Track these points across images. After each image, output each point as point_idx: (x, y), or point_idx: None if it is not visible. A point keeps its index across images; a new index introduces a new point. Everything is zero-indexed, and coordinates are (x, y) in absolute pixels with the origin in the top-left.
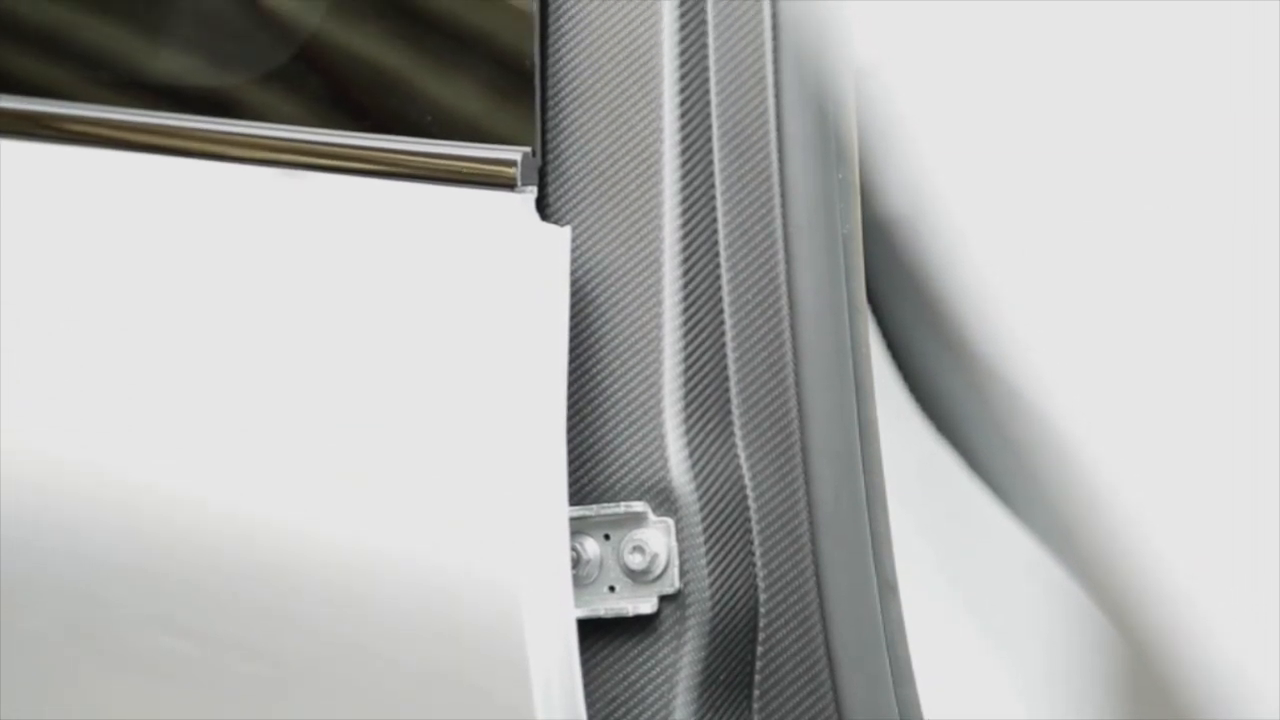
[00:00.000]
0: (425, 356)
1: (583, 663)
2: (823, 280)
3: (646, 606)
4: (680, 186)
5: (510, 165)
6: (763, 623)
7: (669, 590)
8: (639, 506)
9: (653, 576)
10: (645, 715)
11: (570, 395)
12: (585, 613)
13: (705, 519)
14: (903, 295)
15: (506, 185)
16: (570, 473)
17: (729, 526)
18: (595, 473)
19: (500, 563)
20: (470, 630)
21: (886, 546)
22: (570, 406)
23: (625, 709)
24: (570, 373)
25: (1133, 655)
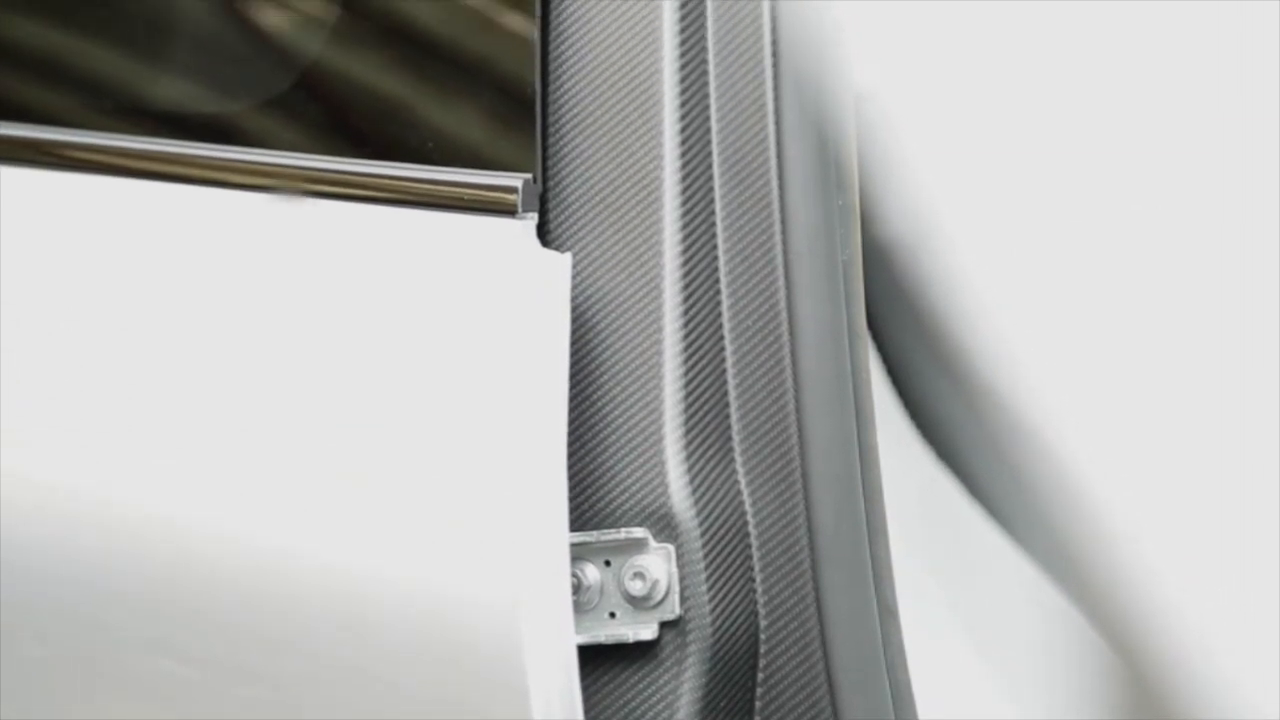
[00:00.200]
0: (426, 383)
1: (583, 689)
2: (823, 305)
3: (647, 633)
4: (681, 213)
5: (511, 192)
6: (763, 648)
7: (670, 616)
8: (640, 532)
9: (653, 603)
10: None
11: (571, 421)
12: (586, 639)
13: (706, 545)
14: (903, 320)
15: (508, 212)
16: (571, 498)
17: (730, 552)
18: (596, 498)
19: (501, 588)
20: (471, 656)
21: (887, 572)
22: (571, 432)
23: None
24: (571, 398)
25: (1132, 680)
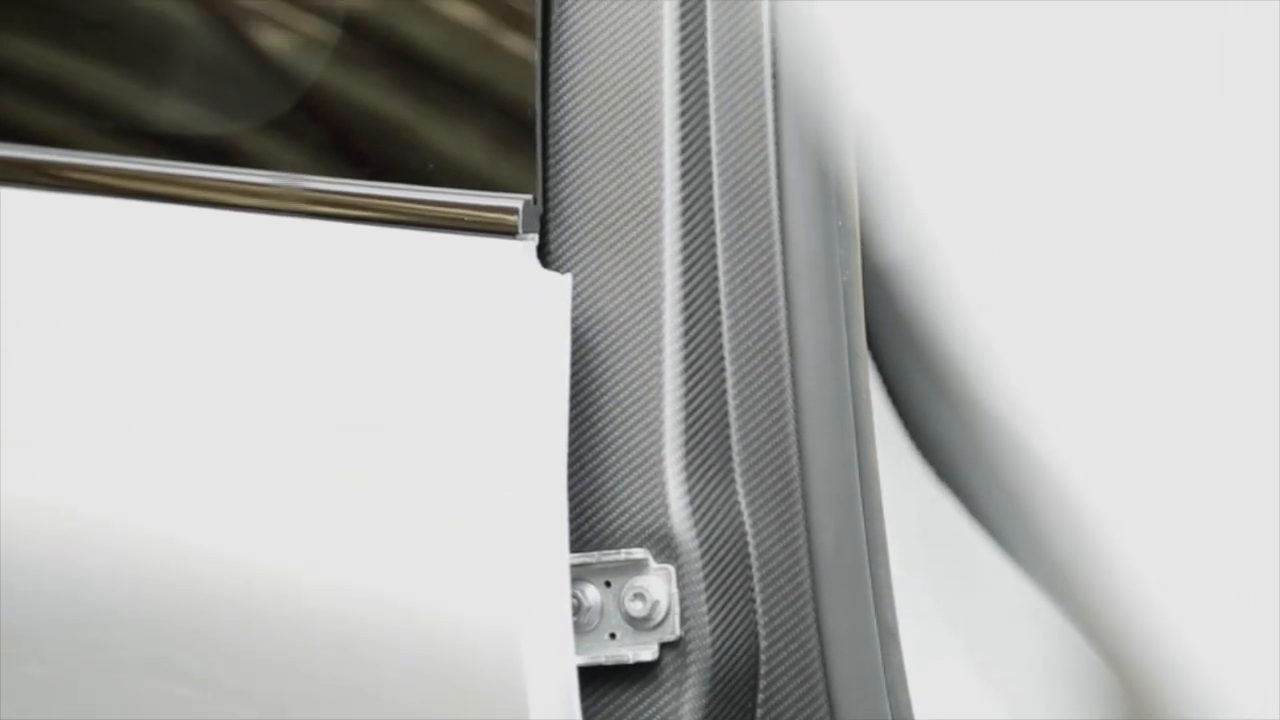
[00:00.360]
0: (426, 404)
1: (584, 710)
2: (823, 327)
3: (647, 654)
4: (681, 234)
5: (512, 213)
6: (764, 669)
7: (670, 637)
8: (640, 553)
9: (654, 624)
10: None
11: (571, 442)
12: (586, 660)
13: (706, 566)
14: (903, 342)
15: (508, 233)
16: (571, 519)
17: (730, 573)
18: (596, 519)
19: (501, 609)
20: (471, 677)
21: (887, 592)
22: (571, 453)
23: None
24: (571, 419)
25: (1130, 700)
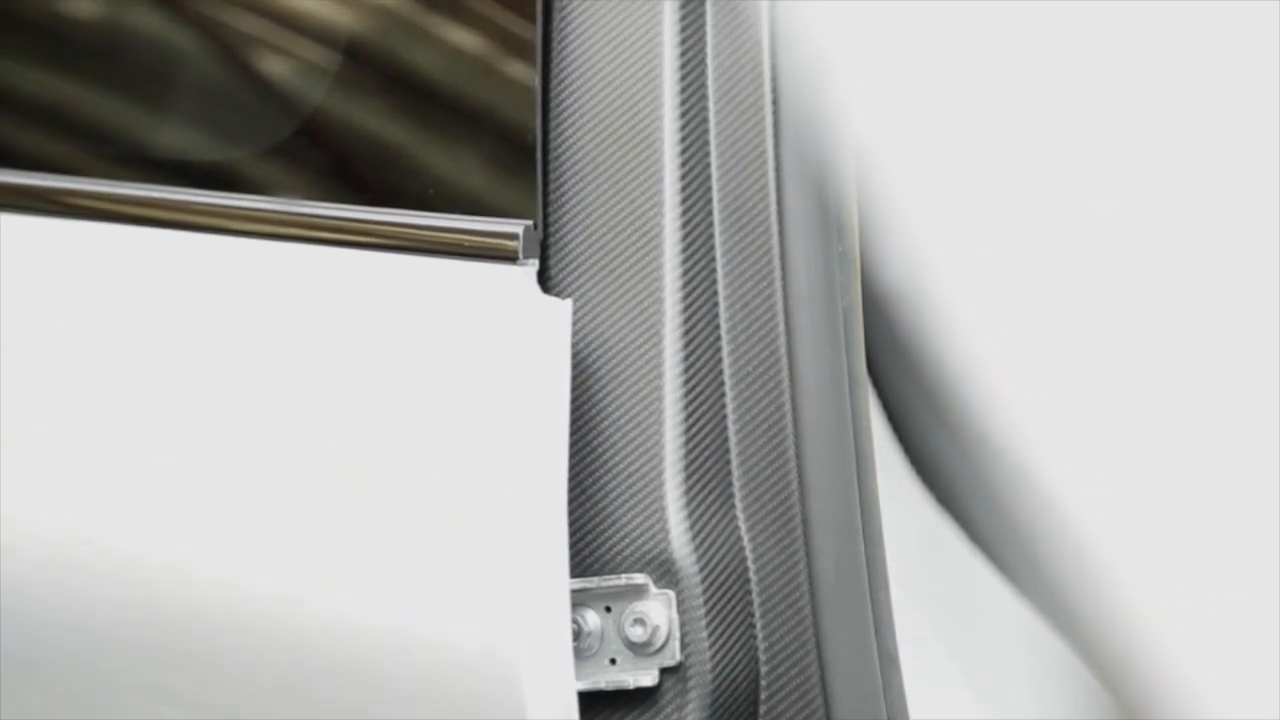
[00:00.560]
0: (426, 429)
1: None
2: (823, 353)
3: (648, 679)
4: (681, 259)
5: (512, 238)
6: (764, 695)
7: (670, 663)
8: (640, 579)
9: (654, 649)
10: None
11: (572, 467)
12: (586, 685)
13: (706, 591)
14: (902, 367)
15: (508, 258)
16: (571, 545)
17: (730, 599)
18: (596, 545)
19: (501, 635)
20: (472, 702)
21: (887, 618)
22: (571, 478)
23: None
24: (572, 444)
25: None
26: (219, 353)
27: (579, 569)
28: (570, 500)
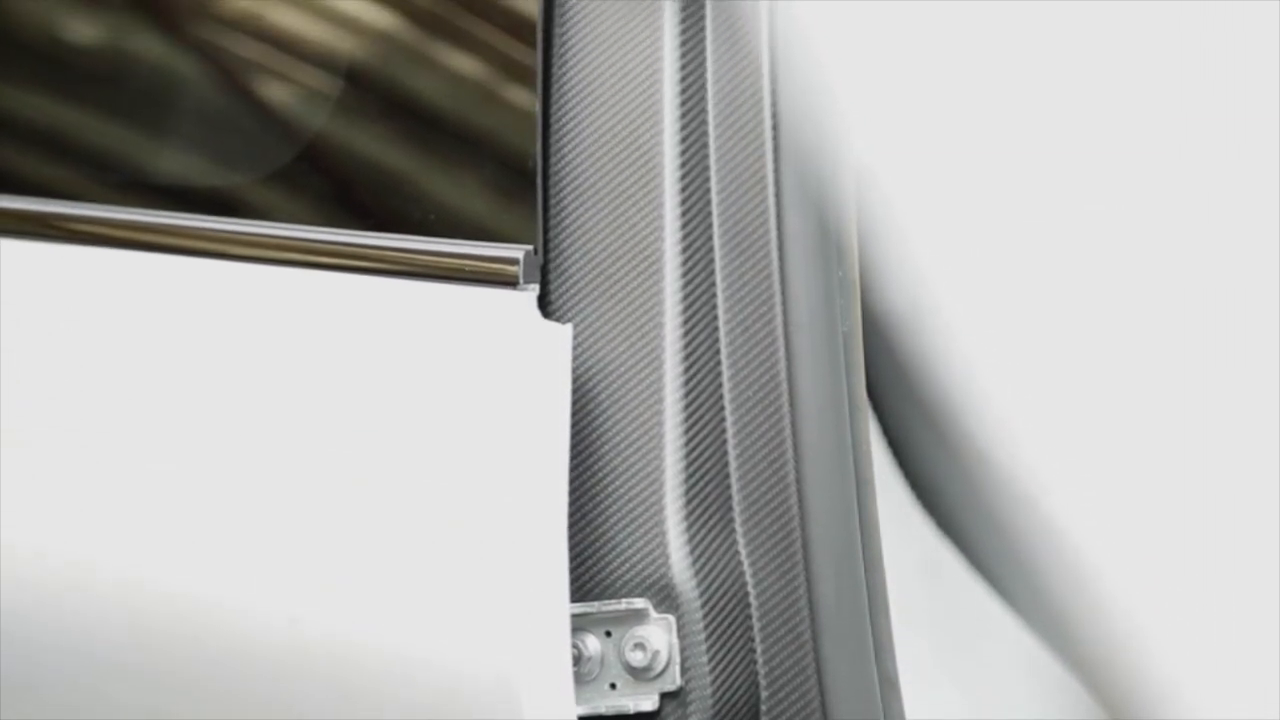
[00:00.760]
0: (427, 454)
1: None
2: (823, 377)
3: (648, 704)
4: (681, 284)
5: (512, 263)
6: (764, 719)
7: (670, 687)
8: (640, 603)
9: (654, 674)
10: None
11: (572, 491)
12: (586, 710)
13: (707, 616)
14: (903, 392)
15: (509, 283)
16: (571, 569)
17: (730, 623)
18: (596, 569)
19: (502, 660)
20: None
21: (888, 642)
22: (572, 503)
23: None
24: (572, 469)
25: None
26: (221, 379)
27: (579, 593)
28: (571, 525)
